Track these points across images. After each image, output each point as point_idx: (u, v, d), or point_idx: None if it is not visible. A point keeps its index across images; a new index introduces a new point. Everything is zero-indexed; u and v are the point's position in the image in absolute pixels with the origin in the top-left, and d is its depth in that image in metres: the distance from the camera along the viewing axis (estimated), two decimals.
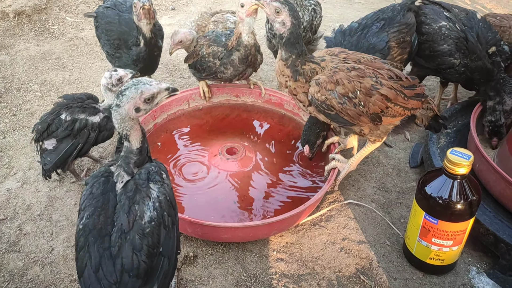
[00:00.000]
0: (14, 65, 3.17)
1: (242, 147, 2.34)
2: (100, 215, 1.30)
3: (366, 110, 1.83)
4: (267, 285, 1.77)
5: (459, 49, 2.26)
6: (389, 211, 2.13)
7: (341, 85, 1.80)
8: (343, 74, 1.81)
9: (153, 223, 1.30)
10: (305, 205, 1.86)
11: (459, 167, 1.59)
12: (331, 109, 1.84)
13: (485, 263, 1.89)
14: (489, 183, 1.98)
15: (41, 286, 1.77)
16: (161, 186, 1.36)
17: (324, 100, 1.83)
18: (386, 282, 1.80)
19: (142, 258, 1.26)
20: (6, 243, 1.94)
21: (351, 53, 1.93)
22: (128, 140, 1.37)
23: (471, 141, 2.17)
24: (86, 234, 1.29)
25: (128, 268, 1.25)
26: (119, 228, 1.28)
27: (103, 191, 1.34)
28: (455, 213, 1.63)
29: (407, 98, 1.86)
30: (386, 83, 1.83)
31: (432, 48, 2.32)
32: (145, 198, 1.32)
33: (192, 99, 2.62)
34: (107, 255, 1.26)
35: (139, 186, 1.34)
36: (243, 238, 1.90)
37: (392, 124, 1.96)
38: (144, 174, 1.37)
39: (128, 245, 1.26)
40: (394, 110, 1.86)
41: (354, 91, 1.80)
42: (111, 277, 1.24)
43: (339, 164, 2.13)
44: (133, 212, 1.29)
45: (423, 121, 2.00)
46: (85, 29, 3.65)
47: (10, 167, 2.35)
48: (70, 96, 2.16)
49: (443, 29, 2.29)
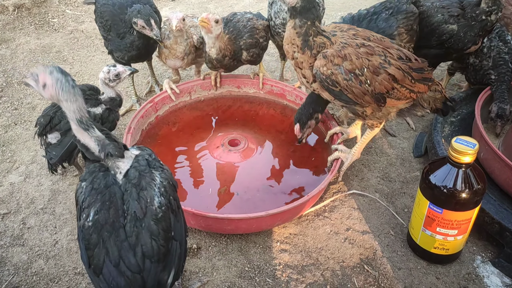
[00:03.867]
0: (15, 59, 3.16)
1: (245, 138, 2.33)
2: (109, 208, 1.26)
3: (371, 89, 1.79)
4: (271, 276, 1.77)
5: (452, 15, 2.27)
6: (393, 201, 2.11)
7: (349, 60, 1.76)
8: (352, 50, 1.77)
9: (163, 208, 1.29)
10: (308, 195, 1.85)
11: (464, 156, 1.57)
12: (336, 85, 1.80)
13: (490, 252, 1.88)
14: (494, 172, 1.96)
15: (46, 279, 1.77)
16: (162, 171, 1.35)
17: (330, 75, 1.78)
18: (390, 271, 1.79)
19: (161, 242, 1.26)
20: (10, 236, 1.95)
21: (360, 30, 1.89)
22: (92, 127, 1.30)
23: (475, 130, 2.15)
24: (99, 230, 1.25)
25: (149, 254, 1.25)
26: (133, 217, 1.26)
27: (106, 185, 1.30)
28: (460, 202, 1.62)
29: (414, 81, 1.82)
30: (395, 63, 1.79)
31: (428, 22, 2.32)
32: (151, 183, 1.30)
33: (194, 90, 2.61)
34: (125, 246, 1.24)
35: (142, 172, 1.32)
36: (246, 229, 1.89)
37: (396, 107, 1.92)
38: (142, 160, 1.35)
39: (145, 231, 1.25)
40: (400, 92, 1.82)
41: (362, 68, 1.76)
42: (134, 267, 1.23)
43: (342, 155, 2.11)
44: (143, 198, 1.28)
45: (430, 103, 1.95)
46: (85, 22, 3.63)
47: (12, 161, 2.35)
48: None
49: (435, 3, 2.32)
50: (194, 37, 2.41)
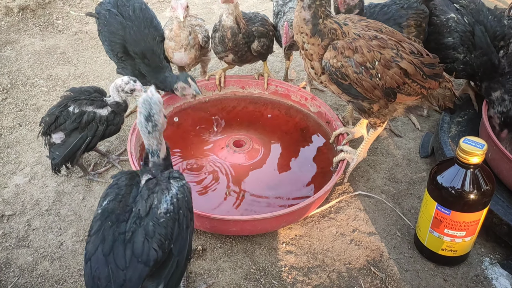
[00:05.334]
0: (20, 60, 3.17)
1: (249, 139, 2.32)
2: (120, 201, 1.34)
3: (382, 84, 1.74)
4: (277, 278, 1.76)
5: (464, 43, 2.21)
6: (400, 202, 2.10)
7: (360, 53, 1.71)
8: (363, 42, 1.72)
9: (168, 215, 1.31)
10: (314, 197, 1.84)
11: (472, 156, 1.55)
12: (345, 78, 1.75)
13: (499, 254, 1.86)
14: (502, 172, 1.93)
15: (51, 281, 1.77)
16: (181, 186, 1.39)
17: (340, 68, 1.72)
18: (397, 273, 1.77)
19: (153, 245, 1.26)
20: (15, 238, 1.94)
21: (371, 21, 1.84)
22: (158, 156, 1.44)
23: (483, 130, 2.12)
24: (104, 217, 1.31)
25: (137, 253, 1.25)
26: (136, 213, 1.31)
27: (128, 183, 1.40)
28: (468, 203, 1.60)
29: (426, 76, 1.78)
30: (407, 57, 1.74)
31: (437, 40, 2.28)
32: (164, 190, 1.36)
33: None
34: (120, 239, 1.27)
35: (160, 181, 1.40)
36: (251, 231, 1.88)
37: (404, 103, 1.87)
38: (166, 173, 1.44)
39: (141, 230, 1.28)
40: (411, 87, 1.78)
41: (373, 61, 1.71)
42: (120, 262, 1.24)
43: (347, 156, 2.10)
44: (151, 199, 1.33)
45: (439, 100, 1.91)
46: (90, 23, 3.63)
47: (17, 163, 2.35)
48: (77, 89, 2.17)
49: (450, 21, 2.24)
50: (199, 36, 2.40)
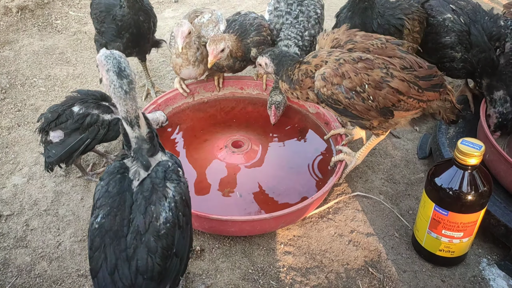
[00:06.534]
0: (18, 61, 3.16)
1: (248, 140, 2.32)
2: (116, 215, 1.29)
3: (375, 105, 1.74)
4: (275, 278, 1.76)
5: (461, 42, 2.22)
6: (398, 203, 2.10)
7: (348, 78, 1.72)
8: (349, 66, 1.72)
9: (168, 225, 1.29)
10: (312, 198, 1.84)
11: (470, 158, 1.55)
12: (339, 104, 1.78)
13: (496, 255, 1.86)
14: (500, 173, 1.94)
15: (49, 281, 1.77)
16: (177, 185, 1.35)
17: (331, 95, 1.76)
18: (395, 274, 1.78)
19: (157, 260, 1.25)
20: (13, 238, 1.94)
21: (358, 42, 1.84)
22: (138, 125, 1.33)
23: (480, 131, 2.13)
24: (103, 234, 1.27)
25: (142, 270, 1.24)
26: (135, 229, 1.27)
27: (119, 191, 1.32)
28: (466, 204, 1.60)
29: (422, 90, 1.75)
30: (398, 75, 1.72)
31: (434, 40, 2.29)
32: (161, 199, 1.30)
33: (197, 92, 2.60)
34: (123, 257, 1.25)
35: (156, 186, 1.32)
36: (250, 231, 1.89)
37: (405, 118, 1.87)
38: (161, 172, 1.35)
39: (143, 247, 1.25)
40: (407, 103, 1.75)
41: (362, 84, 1.71)
42: (126, 280, 1.24)
43: (346, 157, 2.10)
44: (149, 213, 1.28)
45: (441, 113, 1.88)
46: (88, 23, 3.63)
47: (16, 163, 2.34)
48: (84, 91, 2.15)
49: (447, 21, 2.25)
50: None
